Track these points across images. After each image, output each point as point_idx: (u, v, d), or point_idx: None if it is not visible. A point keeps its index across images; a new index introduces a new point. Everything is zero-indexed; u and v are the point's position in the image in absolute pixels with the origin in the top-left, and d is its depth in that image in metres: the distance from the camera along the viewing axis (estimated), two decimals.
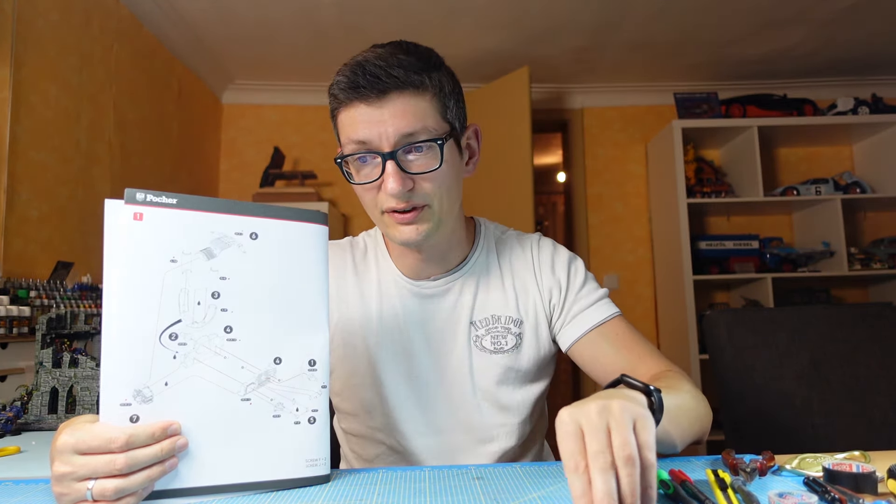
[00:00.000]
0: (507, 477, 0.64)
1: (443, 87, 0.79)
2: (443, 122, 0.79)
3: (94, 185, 2.23)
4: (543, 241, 0.97)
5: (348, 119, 0.77)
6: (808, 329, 1.21)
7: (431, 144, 0.77)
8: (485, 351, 0.89)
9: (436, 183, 0.78)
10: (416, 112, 0.76)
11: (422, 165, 0.77)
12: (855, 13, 2.78)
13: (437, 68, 0.80)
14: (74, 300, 1.72)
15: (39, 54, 1.93)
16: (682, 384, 0.76)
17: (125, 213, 0.55)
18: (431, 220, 0.80)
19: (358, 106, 0.75)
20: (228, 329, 0.59)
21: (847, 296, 3.52)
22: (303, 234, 0.64)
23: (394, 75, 0.74)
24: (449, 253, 0.90)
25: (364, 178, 0.79)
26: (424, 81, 0.77)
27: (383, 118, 0.75)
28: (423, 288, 0.90)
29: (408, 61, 0.76)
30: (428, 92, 0.77)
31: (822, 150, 3.66)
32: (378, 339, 0.90)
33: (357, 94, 0.75)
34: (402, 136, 0.75)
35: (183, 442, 0.56)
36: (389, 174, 0.75)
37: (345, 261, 0.95)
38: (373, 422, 0.90)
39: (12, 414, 1.10)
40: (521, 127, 2.99)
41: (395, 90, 0.74)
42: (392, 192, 0.75)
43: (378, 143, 0.75)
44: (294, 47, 3.07)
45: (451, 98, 0.81)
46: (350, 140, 0.77)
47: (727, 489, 0.53)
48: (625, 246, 3.63)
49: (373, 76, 0.74)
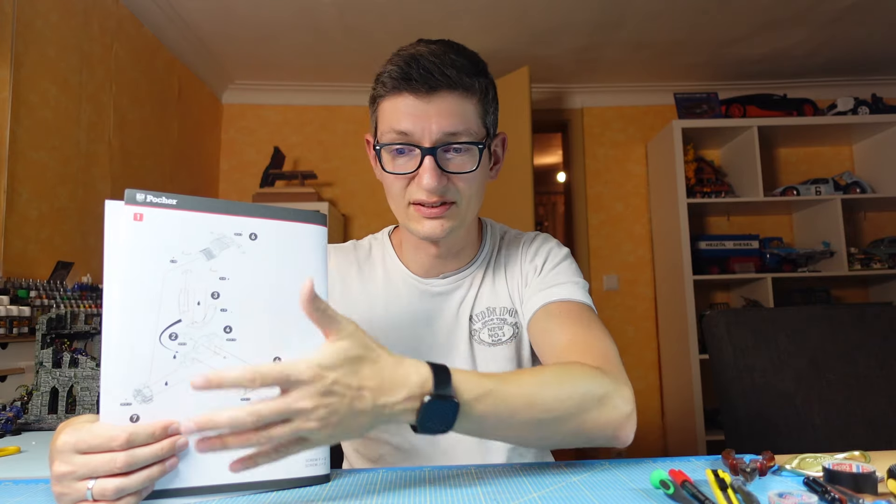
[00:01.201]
0: (507, 477, 0.64)
1: (487, 93, 0.82)
2: (482, 126, 0.81)
3: (94, 185, 2.23)
4: (537, 235, 0.98)
5: (392, 109, 0.78)
6: (808, 329, 1.21)
7: (471, 147, 0.79)
8: (483, 344, 0.90)
9: (468, 183, 0.80)
10: (461, 113, 0.77)
11: (458, 165, 0.79)
12: (855, 13, 2.78)
13: (484, 74, 0.82)
14: (74, 300, 1.72)
15: (39, 54, 1.94)
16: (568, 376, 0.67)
17: (125, 213, 0.55)
18: (457, 219, 0.82)
19: (406, 97, 0.77)
20: (228, 329, 0.59)
21: (847, 296, 3.52)
22: (302, 235, 0.64)
23: (447, 74, 0.76)
24: (461, 252, 0.92)
25: (398, 169, 0.80)
26: (474, 85, 0.79)
27: (429, 114, 0.76)
28: (432, 286, 0.92)
29: (460, 62, 0.78)
30: (475, 95, 0.79)
31: (822, 150, 3.66)
32: (385, 338, 0.89)
33: (408, 86, 0.76)
34: (445, 134, 0.77)
35: (183, 441, 0.56)
36: (427, 169, 0.77)
37: (349, 263, 0.96)
38: None
39: (12, 414, 1.10)
40: (521, 127, 2.99)
41: (445, 88, 0.76)
42: (427, 187, 0.77)
43: (420, 136, 0.77)
44: (294, 47, 3.07)
45: (492, 105, 0.84)
46: (391, 129, 0.78)
47: (727, 489, 0.53)
48: (625, 246, 3.63)
49: (426, 71, 0.75)
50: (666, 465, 0.67)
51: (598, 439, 0.67)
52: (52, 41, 2.00)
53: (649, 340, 3.55)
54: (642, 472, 0.64)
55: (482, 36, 2.96)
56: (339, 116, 3.63)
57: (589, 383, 0.67)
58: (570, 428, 0.65)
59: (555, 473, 0.64)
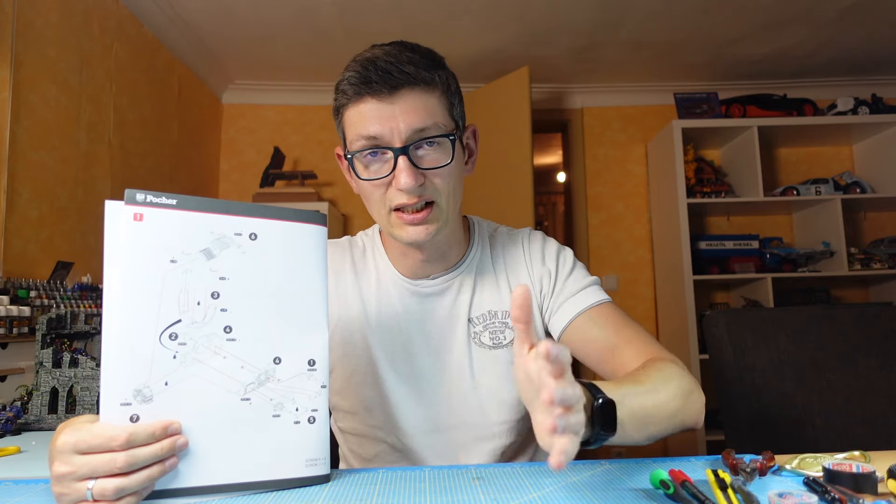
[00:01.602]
0: (507, 477, 0.64)
1: (449, 85, 0.81)
2: (450, 119, 0.80)
3: (94, 185, 2.23)
4: (534, 234, 0.98)
5: (357, 115, 0.77)
6: (808, 329, 1.21)
7: (442, 140, 0.78)
8: (484, 347, 0.90)
9: (445, 178, 0.79)
10: (426, 108, 0.77)
11: (433, 161, 0.78)
12: (855, 13, 2.78)
13: (443, 67, 0.81)
14: (74, 300, 1.73)
15: (39, 54, 1.93)
16: (663, 375, 0.72)
17: (125, 213, 0.55)
18: (439, 220, 0.81)
19: (368, 101, 0.76)
20: (228, 329, 0.59)
21: (847, 296, 3.52)
22: (302, 235, 0.64)
23: (405, 71, 0.75)
24: (448, 252, 0.91)
25: (373, 175, 0.79)
26: (434, 78, 0.78)
27: (394, 114, 0.75)
28: (422, 287, 0.91)
29: (416, 58, 0.77)
30: (437, 88, 0.79)
31: (822, 150, 3.66)
32: (378, 338, 0.90)
33: (369, 90, 0.75)
34: (414, 131, 0.76)
35: (183, 441, 0.56)
36: (402, 169, 0.76)
37: (344, 259, 0.95)
38: (373, 420, 0.90)
39: (12, 414, 1.10)
40: (521, 127, 2.99)
41: (406, 86, 0.75)
42: (405, 186, 0.75)
43: (389, 138, 0.76)
44: (294, 47, 3.07)
45: (456, 97, 0.83)
46: (359, 136, 0.77)
47: (727, 489, 0.53)
48: (625, 246, 3.63)
49: (384, 72, 0.74)
50: (666, 465, 0.67)
51: (686, 427, 0.73)
52: (52, 41, 2.00)
53: None
54: (642, 472, 0.64)
55: (482, 36, 2.96)
56: None
57: (678, 379, 0.73)
58: (674, 423, 0.70)
59: (555, 473, 0.64)
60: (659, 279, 3.51)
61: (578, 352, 0.89)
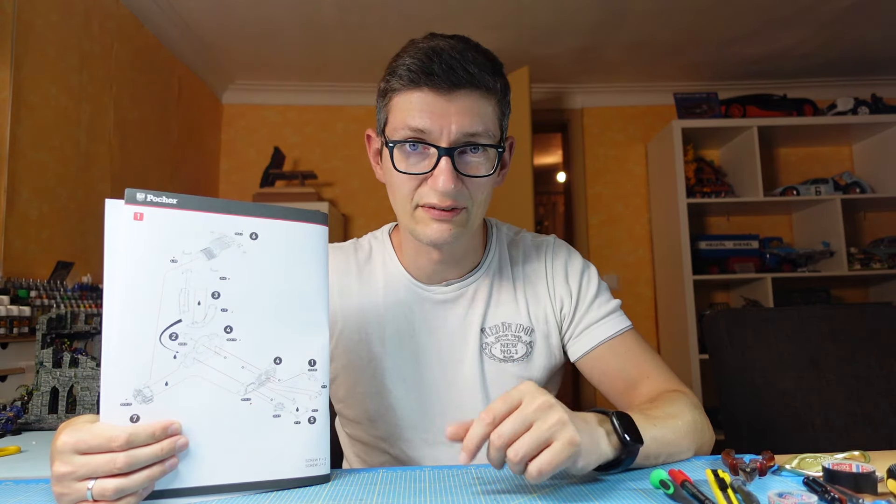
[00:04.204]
0: (508, 477, 0.64)
1: (505, 94, 0.79)
2: (499, 129, 0.78)
3: (94, 185, 2.23)
4: (558, 246, 0.94)
5: (407, 103, 0.74)
6: (808, 329, 1.21)
7: (489, 149, 0.75)
8: (494, 359, 0.87)
9: (481, 188, 0.77)
10: (482, 113, 0.74)
11: (474, 169, 0.75)
12: (855, 13, 2.78)
13: (502, 74, 0.78)
14: (75, 300, 1.73)
15: (39, 54, 1.93)
16: (677, 409, 0.73)
17: (125, 213, 0.55)
18: (465, 224, 0.78)
19: (425, 92, 0.72)
20: (228, 329, 0.59)
21: (847, 296, 3.52)
22: (303, 234, 0.64)
23: (469, 71, 0.72)
24: (464, 258, 0.87)
25: (410, 168, 0.75)
26: (496, 85, 0.75)
27: (449, 112, 0.72)
28: (435, 293, 0.87)
29: (481, 60, 0.74)
30: (495, 96, 0.76)
31: (822, 150, 3.66)
32: (385, 347, 0.87)
33: (428, 80, 0.72)
34: (465, 134, 0.73)
35: (183, 441, 0.56)
36: (443, 171, 0.72)
37: (348, 265, 0.91)
38: (376, 431, 0.88)
39: (12, 414, 1.10)
40: (521, 127, 2.99)
41: (468, 86, 0.72)
42: (443, 188, 0.73)
43: (437, 135, 0.73)
44: (294, 47, 3.07)
45: (508, 107, 0.81)
46: (406, 125, 0.74)
47: (727, 489, 0.53)
48: (625, 246, 3.63)
49: (448, 66, 0.71)
50: (666, 465, 0.67)
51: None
52: (52, 41, 2.00)
53: (649, 340, 3.50)
54: (642, 472, 0.64)
55: (482, 35, 2.92)
56: (339, 116, 3.63)
57: (691, 413, 0.74)
58: (688, 455, 0.71)
59: (555, 473, 0.64)
60: (659, 279, 3.51)
61: (595, 379, 0.88)
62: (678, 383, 0.84)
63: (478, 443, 0.55)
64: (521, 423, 0.54)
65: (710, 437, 0.77)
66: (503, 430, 0.54)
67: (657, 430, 0.66)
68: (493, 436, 0.55)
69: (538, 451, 0.54)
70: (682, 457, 0.70)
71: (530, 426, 0.54)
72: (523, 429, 0.54)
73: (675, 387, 0.83)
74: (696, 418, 0.74)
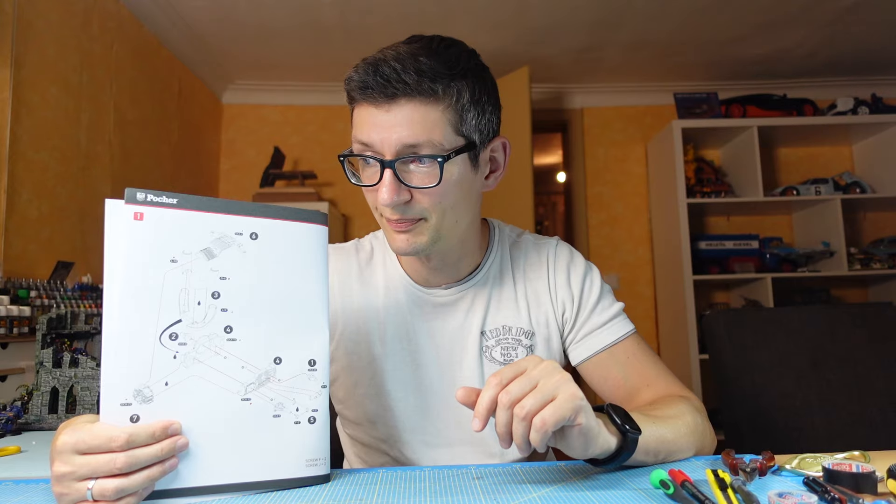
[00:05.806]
0: (507, 477, 0.64)
1: (461, 97, 0.73)
2: (455, 136, 0.73)
3: (94, 185, 2.23)
4: (560, 248, 0.92)
5: (357, 117, 0.74)
6: (808, 329, 1.21)
7: (433, 160, 0.72)
8: (494, 362, 0.86)
9: (435, 199, 0.74)
10: (423, 123, 0.70)
11: (421, 180, 0.72)
12: (855, 13, 2.78)
13: (462, 76, 0.73)
14: (75, 300, 1.73)
15: (39, 54, 1.93)
16: (677, 411, 0.74)
17: (125, 212, 0.55)
18: (427, 234, 0.76)
19: (366, 107, 0.72)
20: (228, 329, 0.59)
21: (847, 296, 3.52)
22: (303, 234, 0.64)
23: (405, 81, 0.69)
24: (460, 262, 0.86)
25: (366, 180, 0.76)
26: (437, 91, 0.71)
27: (388, 124, 0.70)
28: (435, 296, 0.87)
29: (427, 66, 0.70)
30: (441, 103, 0.71)
31: (822, 150, 3.67)
32: (385, 349, 0.87)
33: (365, 95, 0.71)
34: (404, 146, 0.70)
35: (183, 442, 0.56)
36: (384, 183, 0.71)
37: (349, 266, 0.91)
38: (376, 433, 0.88)
39: (12, 414, 1.10)
40: (521, 127, 2.99)
41: (404, 97, 0.70)
42: (383, 202, 0.72)
43: (380, 148, 0.71)
44: (294, 47, 3.07)
45: (473, 109, 0.75)
46: (356, 139, 0.74)
47: (727, 489, 0.53)
48: (625, 246, 3.63)
49: (384, 79, 0.69)
50: (666, 465, 0.67)
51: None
52: (52, 41, 2.00)
53: (649, 340, 3.52)
54: (642, 472, 0.64)
55: (482, 36, 2.96)
56: (339, 116, 3.63)
57: (692, 415, 0.74)
58: (687, 455, 0.72)
59: (555, 473, 0.65)
60: (659, 279, 3.51)
61: (596, 385, 0.88)
62: (682, 388, 0.84)
63: (488, 405, 0.56)
64: (528, 383, 0.57)
65: (711, 441, 0.77)
66: (511, 388, 0.56)
67: (656, 427, 0.66)
68: (502, 394, 0.56)
69: (542, 406, 0.55)
70: (682, 456, 0.70)
71: (536, 386, 0.57)
72: (530, 388, 0.56)
73: (678, 392, 0.82)
74: (696, 421, 0.74)
